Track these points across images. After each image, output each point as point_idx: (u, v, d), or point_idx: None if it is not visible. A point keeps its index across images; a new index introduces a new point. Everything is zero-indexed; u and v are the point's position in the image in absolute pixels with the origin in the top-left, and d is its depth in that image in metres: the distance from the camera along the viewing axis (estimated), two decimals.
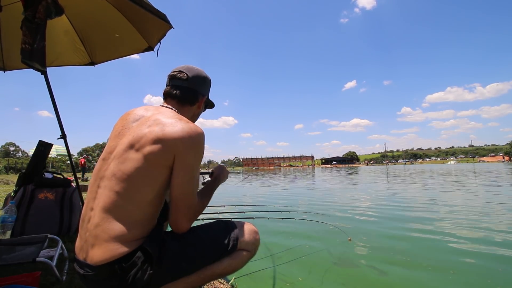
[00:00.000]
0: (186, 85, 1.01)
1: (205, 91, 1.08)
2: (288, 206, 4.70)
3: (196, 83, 1.04)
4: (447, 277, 1.76)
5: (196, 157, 0.86)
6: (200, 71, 1.06)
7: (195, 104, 1.05)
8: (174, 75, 1.02)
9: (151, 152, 0.81)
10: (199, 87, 1.05)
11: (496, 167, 24.75)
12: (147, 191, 0.81)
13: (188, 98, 1.02)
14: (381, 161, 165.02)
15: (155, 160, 0.81)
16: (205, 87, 1.08)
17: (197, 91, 1.04)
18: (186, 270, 0.87)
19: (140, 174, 0.81)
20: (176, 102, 1.01)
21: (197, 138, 0.85)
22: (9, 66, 2.80)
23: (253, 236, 1.02)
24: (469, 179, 10.56)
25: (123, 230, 0.77)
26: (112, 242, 0.76)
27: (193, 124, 0.88)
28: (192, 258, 0.88)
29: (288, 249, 2.36)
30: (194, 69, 1.05)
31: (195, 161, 0.86)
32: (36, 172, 2.26)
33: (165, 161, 0.82)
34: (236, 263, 0.97)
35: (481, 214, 3.69)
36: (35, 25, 1.72)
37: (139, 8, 2.01)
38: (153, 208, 0.84)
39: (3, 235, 1.60)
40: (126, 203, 0.79)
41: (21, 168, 31.21)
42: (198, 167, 0.89)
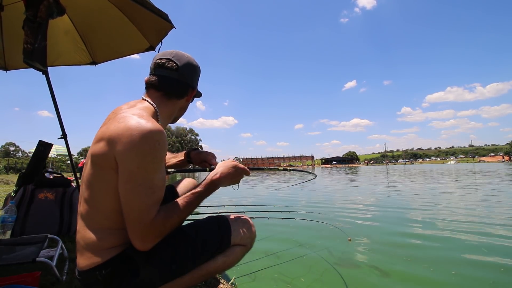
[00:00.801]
0: (176, 77, 0.89)
1: (195, 83, 0.97)
2: (288, 206, 4.70)
3: (187, 74, 0.92)
4: (449, 278, 1.75)
5: (139, 160, 0.69)
6: (191, 60, 0.94)
7: (184, 97, 0.94)
8: (161, 64, 0.89)
9: (93, 153, 0.74)
10: (189, 79, 0.93)
11: (496, 167, 24.74)
12: (109, 199, 0.73)
13: (177, 91, 0.91)
14: (381, 161, 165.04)
15: (99, 162, 0.72)
16: (195, 78, 0.96)
17: (187, 83, 0.92)
18: (177, 272, 0.84)
19: (96, 179, 0.74)
20: (161, 94, 0.89)
21: (139, 137, 0.69)
22: (11, 65, 2.80)
23: (248, 230, 0.98)
24: (469, 179, 10.56)
25: (96, 238, 0.74)
26: (89, 250, 0.76)
27: (146, 120, 0.73)
28: (182, 259, 0.84)
29: (288, 248, 2.35)
30: (184, 57, 0.92)
31: (138, 166, 0.69)
32: (36, 172, 2.26)
33: (108, 163, 0.71)
34: (231, 260, 0.95)
35: (481, 214, 3.68)
36: (36, 24, 1.72)
37: (140, 8, 2.01)
38: (123, 216, 0.73)
39: (3, 235, 1.60)
40: (93, 211, 0.76)
41: (21, 168, 31.21)
42: (148, 173, 0.70)
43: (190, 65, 0.93)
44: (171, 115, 0.95)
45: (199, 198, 0.83)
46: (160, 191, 0.74)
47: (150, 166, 0.71)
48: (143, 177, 0.70)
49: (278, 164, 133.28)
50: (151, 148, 0.70)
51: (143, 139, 0.69)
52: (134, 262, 0.77)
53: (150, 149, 0.70)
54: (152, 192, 0.72)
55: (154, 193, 0.72)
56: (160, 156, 0.73)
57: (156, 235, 0.74)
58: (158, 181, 0.74)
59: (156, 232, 0.73)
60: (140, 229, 0.71)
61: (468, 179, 10.80)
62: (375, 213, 4.08)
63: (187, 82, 0.92)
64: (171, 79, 0.89)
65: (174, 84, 0.90)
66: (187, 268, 0.86)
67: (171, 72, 0.89)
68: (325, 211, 4.15)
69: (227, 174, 0.91)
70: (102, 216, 0.75)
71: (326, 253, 2.26)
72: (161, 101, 0.89)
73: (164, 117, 0.91)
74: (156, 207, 0.73)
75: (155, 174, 0.72)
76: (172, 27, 2.30)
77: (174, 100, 0.92)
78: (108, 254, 0.75)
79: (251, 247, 1.01)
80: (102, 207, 0.75)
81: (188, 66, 0.92)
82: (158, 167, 0.73)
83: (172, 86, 0.90)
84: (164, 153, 0.75)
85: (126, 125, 0.70)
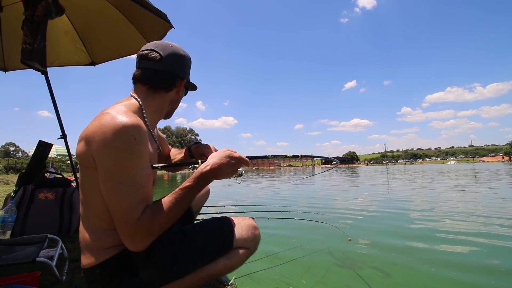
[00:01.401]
0: (160, 68, 0.84)
1: (184, 73, 0.90)
2: (288, 206, 4.70)
3: (173, 64, 0.86)
4: (451, 279, 1.74)
5: (114, 157, 0.66)
6: (177, 48, 0.88)
7: (173, 89, 0.88)
8: (144, 55, 0.84)
9: (77, 153, 0.73)
10: (176, 69, 0.87)
11: (496, 167, 24.74)
12: (99, 200, 0.71)
13: (163, 83, 0.85)
14: (381, 161, 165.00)
15: (83, 163, 0.71)
16: (184, 68, 0.90)
17: (174, 74, 0.86)
18: (177, 273, 0.83)
19: (85, 180, 0.73)
20: (147, 88, 0.85)
21: (111, 133, 0.66)
22: (10, 66, 2.81)
23: (252, 232, 0.96)
24: (469, 179, 10.56)
25: (94, 238, 0.75)
26: (88, 250, 0.77)
27: (122, 115, 0.70)
28: (183, 261, 0.84)
29: (288, 249, 2.35)
30: (168, 47, 0.86)
31: (114, 163, 0.66)
32: (36, 172, 2.26)
33: (89, 163, 0.70)
34: (233, 263, 0.93)
35: (482, 215, 3.68)
36: (35, 24, 1.72)
37: (139, 8, 2.01)
38: None
39: (3, 235, 1.60)
40: (88, 212, 0.76)
41: (21, 168, 31.21)
42: (126, 170, 0.67)
43: (176, 54, 0.87)
44: (160, 109, 0.89)
45: (189, 193, 0.75)
46: (144, 188, 0.70)
47: (128, 163, 0.67)
48: (121, 174, 0.67)
49: (278, 164, 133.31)
50: (126, 143, 0.66)
51: (116, 134, 0.66)
52: (134, 263, 0.77)
53: (124, 144, 0.66)
54: (135, 190, 0.68)
55: (138, 190, 0.68)
56: (138, 152, 0.69)
57: (145, 235, 0.70)
58: (141, 178, 0.69)
59: (144, 232, 0.69)
60: (127, 230, 0.68)
61: (468, 179, 10.80)
62: (375, 213, 4.08)
63: (174, 73, 0.86)
64: (155, 71, 0.83)
65: (159, 76, 0.84)
66: (188, 270, 0.85)
67: (155, 63, 0.83)
68: (325, 211, 4.15)
69: (219, 165, 0.80)
70: (96, 217, 0.74)
71: (327, 253, 2.25)
72: (148, 95, 0.85)
73: (152, 112, 0.87)
74: (141, 206, 0.69)
75: (135, 171, 0.68)
76: (171, 27, 2.30)
77: (161, 93, 0.86)
78: (106, 254, 0.76)
79: (255, 250, 0.98)
80: (95, 208, 0.74)
81: (174, 55, 0.86)
82: (137, 163, 0.69)
83: (157, 78, 0.84)
84: (144, 148, 0.71)
85: (100, 122, 0.68)
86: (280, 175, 17.78)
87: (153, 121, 0.89)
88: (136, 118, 0.72)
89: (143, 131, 0.71)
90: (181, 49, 0.89)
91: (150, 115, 0.85)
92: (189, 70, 0.94)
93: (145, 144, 0.72)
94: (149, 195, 0.72)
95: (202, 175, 0.77)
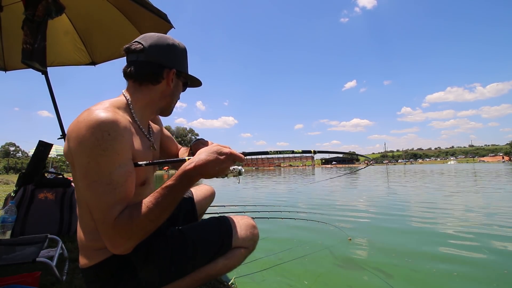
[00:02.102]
0: (143, 59, 0.79)
1: (172, 63, 0.83)
2: (288, 206, 4.70)
3: (157, 53, 0.80)
4: (452, 279, 1.74)
5: (87, 154, 0.63)
6: (163, 37, 0.83)
7: (160, 81, 0.82)
8: (127, 48, 0.81)
9: (63, 150, 0.73)
10: (162, 58, 0.81)
11: (496, 167, 24.74)
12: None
13: (147, 75, 0.80)
14: (381, 161, 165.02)
15: (68, 160, 0.71)
16: (171, 57, 0.83)
17: (158, 63, 0.80)
18: (176, 274, 0.83)
19: (75, 179, 0.71)
20: (133, 82, 0.81)
21: (84, 129, 0.63)
22: (10, 66, 2.81)
23: (250, 232, 0.95)
24: (469, 179, 10.55)
25: (89, 239, 0.75)
26: (85, 250, 0.77)
27: (99, 111, 0.66)
28: (181, 262, 0.83)
29: (288, 248, 2.35)
30: (153, 37, 0.82)
31: (88, 160, 0.63)
32: (36, 172, 2.26)
33: (71, 160, 0.69)
34: (232, 263, 0.92)
35: (483, 215, 3.68)
36: (35, 24, 1.72)
37: (140, 8, 2.01)
38: None
39: (3, 235, 1.60)
40: (82, 212, 0.75)
41: (21, 168, 31.21)
42: (101, 167, 0.64)
43: (161, 43, 0.81)
44: (151, 104, 0.84)
45: (171, 193, 0.67)
46: (122, 187, 0.66)
47: (103, 160, 0.63)
48: (96, 172, 0.63)
49: (278, 164, 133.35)
50: (99, 139, 0.63)
51: (89, 130, 0.63)
52: (132, 264, 0.77)
53: (97, 140, 0.62)
54: (112, 188, 0.64)
55: (115, 189, 0.64)
56: (113, 148, 0.64)
57: (124, 237, 0.65)
58: (118, 177, 0.65)
59: (122, 234, 0.64)
60: (105, 230, 0.64)
61: (468, 179, 10.79)
62: (375, 213, 4.08)
63: (159, 63, 0.80)
64: (139, 62, 0.79)
65: (142, 67, 0.79)
66: (187, 271, 0.85)
67: (137, 54, 0.79)
68: (325, 211, 4.15)
69: (205, 163, 0.69)
70: (89, 217, 0.73)
71: (328, 253, 2.25)
72: (135, 90, 0.81)
73: (141, 107, 0.82)
74: (119, 206, 0.65)
75: (111, 169, 0.64)
76: (171, 27, 2.30)
77: (149, 86, 0.81)
78: (103, 254, 0.75)
79: (253, 250, 0.98)
80: (86, 208, 0.72)
81: (158, 44, 0.81)
82: (113, 161, 0.65)
83: (141, 70, 0.79)
84: (120, 145, 0.66)
85: (77, 119, 0.66)
86: (292, 176, 17.78)
87: (144, 117, 0.85)
88: (114, 113, 0.68)
89: (120, 127, 0.67)
90: (169, 38, 0.84)
91: (139, 111, 0.81)
92: (181, 60, 0.86)
93: (121, 140, 0.67)
94: (129, 194, 0.68)
95: (185, 173, 0.68)
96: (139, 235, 0.67)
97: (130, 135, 0.72)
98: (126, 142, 0.68)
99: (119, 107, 0.75)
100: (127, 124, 0.71)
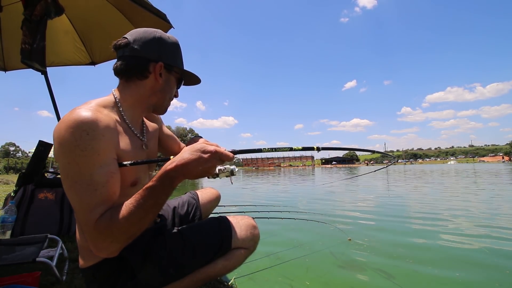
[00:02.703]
0: (128, 53, 0.77)
1: (158, 56, 0.79)
2: (288, 206, 4.70)
3: (142, 46, 0.77)
4: (456, 280, 1.73)
5: (67, 154, 0.62)
6: (149, 30, 0.80)
7: (147, 75, 0.78)
8: (114, 44, 0.79)
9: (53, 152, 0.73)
10: (147, 51, 0.78)
11: (496, 167, 24.73)
12: None
13: (132, 69, 0.77)
14: (381, 161, 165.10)
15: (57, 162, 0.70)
16: (158, 50, 0.79)
17: (144, 57, 0.77)
18: (175, 275, 0.82)
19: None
20: (121, 79, 0.80)
21: (64, 129, 0.62)
22: (10, 66, 2.81)
23: (251, 232, 0.94)
24: (469, 179, 10.55)
25: (84, 239, 0.74)
26: (82, 250, 0.77)
27: (81, 110, 0.65)
28: (180, 263, 0.82)
29: (288, 248, 2.35)
30: (139, 31, 0.79)
31: (68, 161, 0.62)
32: (36, 172, 2.26)
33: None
34: (232, 264, 0.91)
35: (484, 215, 3.68)
36: (34, 24, 1.72)
37: (139, 8, 2.01)
38: None
39: (3, 235, 1.60)
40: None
41: (21, 168, 31.21)
42: (81, 168, 0.62)
43: (146, 36, 0.78)
44: (140, 101, 0.81)
45: (153, 195, 0.63)
46: (104, 188, 0.64)
47: (82, 160, 0.61)
48: (76, 172, 0.62)
49: (279, 164, 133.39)
50: (77, 139, 0.61)
51: (67, 130, 0.61)
52: (129, 264, 0.77)
53: (75, 140, 0.61)
54: (93, 189, 0.62)
55: (96, 190, 0.62)
56: (92, 148, 0.62)
57: (106, 240, 0.63)
58: (99, 177, 0.63)
59: (104, 237, 0.62)
60: (88, 232, 0.62)
61: (468, 179, 10.79)
62: (375, 213, 4.07)
63: (143, 56, 0.77)
64: (124, 57, 0.77)
65: (127, 62, 0.77)
66: (185, 271, 0.84)
67: (123, 49, 0.78)
68: (325, 212, 4.15)
69: (188, 162, 0.64)
70: None
71: (328, 253, 2.25)
72: (124, 87, 0.79)
73: (130, 105, 0.80)
74: (101, 207, 0.63)
75: (92, 169, 0.62)
76: (171, 27, 2.31)
77: (136, 82, 0.79)
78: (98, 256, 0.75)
79: (254, 250, 0.97)
80: None
81: (143, 38, 0.78)
82: (94, 161, 0.63)
83: (126, 65, 0.77)
84: (100, 144, 0.64)
85: (61, 119, 0.65)
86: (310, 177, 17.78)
87: (135, 116, 0.82)
88: (95, 112, 0.66)
89: (100, 126, 0.65)
90: (157, 32, 0.81)
91: (128, 109, 0.79)
92: (171, 54, 0.82)
93: (102, 140, 0.65)
94: (111, 195, 0.65)
95: (166, 173, 0.63)
96: (121, 238, 0.64)
97: (115, 134, 0.70)
98: (107, 141, 0.66)
99: (105, 106, 0.74)
100: (111, 123, 0.69)
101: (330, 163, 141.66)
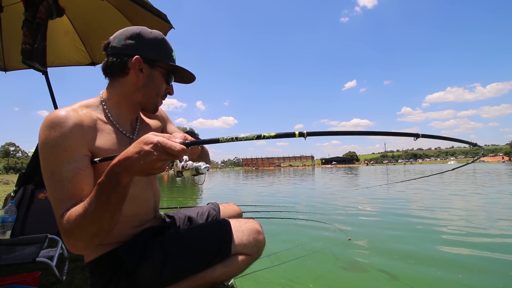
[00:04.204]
0: (110, 52, 0.79)
1: (136, 50, 0.78)
2: (288, 206, 4.69)
3: (120, 43, 0.78)
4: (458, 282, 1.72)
5: (42, 152, 0.65)
6: (130, 28, 0.81)
7: (127, 72, 0.78)
8: (103, 47, 0.82)
9: None
10: (124, 47, 0.78)
11: (496, 168, 24.71)
12: None
13: (113, 67, 0.78)
14: (381, 161, 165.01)
15: None
16: (134, 44, 0.78)
17: (122, 53, 0.77)
18: (168, 278, 0.80)
19: None
20: (107, 79, 0.81)
21: (41, 128, 0.66)
22: (10, 66, 2.81)
23: (254, 237, 0.89)
24: (469, 179, 10.55)
25: None
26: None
27: (57, 110, 0.68)
28: (175, 266, 0.80)
29: (288, 248, 2.35)
30: (122, 30, 0.81)
31: (43, 158, 0.65)
32: (36, 172, 2.26)
33: None
34: (232, 271, 0.87)
35: (485, 215, 3.68)
36: (35, 25, 1.72)
37: (139, 8, 2.01)
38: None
39: (3, 235, 1.60)
40: None
41: (21, 168, 31.21)
42: (52, 165, 0.64)
43: (124, 33, 0.79)
44: (125, 98, 0.81)
45: (103, 191, 0.58)
46: (70, 184, 0.64)
47: (52, 157, 0.64)
48: (48, 169, 0.65)
49: (278, 164, 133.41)
50: (48, 137, 0.64)
51: (42, 128, 0.66)
52: (124, 264, 0.76)
53: (46, 138, 0.64)
54: (61, 185, 0.63)
55: (63, 186, 0.63)
56: (60, 145, 0.64)
57: (70, 237, 0.62)
58: (67, 173, 0.64)
59: (68, 233, 0.62)
60: (59, 226, 0.64)
61: (468, 179, 10.79)
62: (374, 213, 4.07)
63: (122, 52, 0.77)
64: (106, 57, 0.79)
65: (108, 60, 0.78)
66: (180, 275, 0.82)
67: (106, 49, 0.80)
68: (325, 211, 4.15)
69: (129, 155, 0.56)
70: None
71: (328, 253, 2.25)
72: (109, 86, 0.81)
73: (116, 104, 0.80)
74: (66, 203, 0.63)
75: (61, 166, 0.64)
76: (171, 27, 2.30)
77: (119, 79, 0.79)
78: (94, 252, 0.77)
79: (258, 257, 0.92)
80: None
81: (122, 35, 0.79)
82: (62, 157, 0.64)
83: (108, 63, 0.79)
84: (69, 141, 0.65)
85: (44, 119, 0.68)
86: (276, 176, 17.75)
87: (121, 114, 0.82)
88: (70, 111, 0.68)
89: (69, 123, 0.66)
90: (137, 28, 0.80)
91: (113, 108, 0.80)
92: (150, 48, 0.80)
93: (69, 136, 0.65)
94: (78, 192, 0.65)
95: (111, 169, 0.58)
96: (83, 236, 0.62)
97: (89, 131, 0.70)
98: (75, 138, 0.66)
99: (89, 105, 0.75)
100: (86, 120, 0.70)
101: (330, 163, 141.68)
